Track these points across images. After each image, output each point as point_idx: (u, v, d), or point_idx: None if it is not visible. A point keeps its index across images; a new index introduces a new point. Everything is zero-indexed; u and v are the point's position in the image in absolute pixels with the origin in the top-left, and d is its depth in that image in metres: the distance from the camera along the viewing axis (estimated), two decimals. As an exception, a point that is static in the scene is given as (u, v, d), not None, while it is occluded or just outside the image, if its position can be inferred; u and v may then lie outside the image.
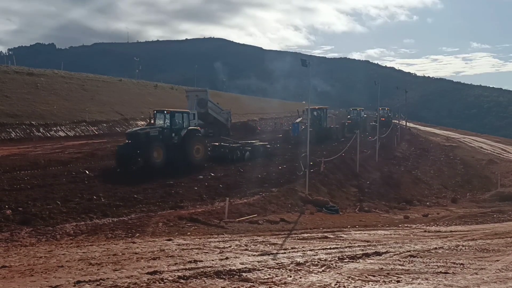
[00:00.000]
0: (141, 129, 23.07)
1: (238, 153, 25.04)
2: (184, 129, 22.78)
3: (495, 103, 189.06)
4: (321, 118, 38.66)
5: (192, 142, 22.67)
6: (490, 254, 10.07)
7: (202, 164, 22.70)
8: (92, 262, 7.90)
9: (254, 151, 25.70)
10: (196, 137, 23.21)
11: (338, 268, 8.13)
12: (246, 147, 25.79)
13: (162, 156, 21.21)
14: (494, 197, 26.69)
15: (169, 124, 22.57)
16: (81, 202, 13.82)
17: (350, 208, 19.54)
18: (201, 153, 23.13)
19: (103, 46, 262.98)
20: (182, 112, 23.74)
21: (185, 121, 23.23)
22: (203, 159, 23.23)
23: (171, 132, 22.48)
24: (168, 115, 22.72)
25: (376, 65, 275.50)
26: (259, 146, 26.60)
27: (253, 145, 26.35)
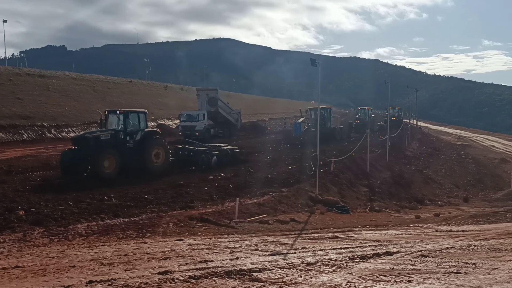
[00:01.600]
0: (90, 132, 20.35)
1: (204, 157, 22.58)
2: (140, 131, 20.20)
3: (507, 101, 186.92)
4: (324, 118, 37.54)
5: (150, 146, 20.04)
6: (503, 254, 9.97)
7: (162, 171, 20.12)
8: (104, 262, 7.95)
9: (222, 156, 23.24)
10: (155, 140, 20.50)
11: (349, 268, 8.10)
12: (213, 151, 23.26)
13: (115, 165, 18.50)
14: (507, 196, 26.46)
15: (123, 126, 19.78)
16: (92, 202, 13.91)
17: (360, 208, 19.46)
18: (161, 159, 20.44)
19: (113, 48, 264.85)
20: (138, 112, 21.00)
21: (141, 122, 20.53)
22: (164, 165, 20.55)
23: (126, 135, 19.78)
24: (122, 115, 19.95)
25: (386, 64, 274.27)
26: (227, 150, 24.15)
27: (220, 149, 23.92)
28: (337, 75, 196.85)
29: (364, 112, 52.77)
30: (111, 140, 19.14)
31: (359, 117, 51.30)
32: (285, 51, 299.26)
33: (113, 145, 18.95)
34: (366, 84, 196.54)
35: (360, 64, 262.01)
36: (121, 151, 18.96)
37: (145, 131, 20.41)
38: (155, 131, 21.61)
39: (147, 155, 19.77)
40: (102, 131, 19.66)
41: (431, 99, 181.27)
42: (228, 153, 23.85)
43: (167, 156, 20.86)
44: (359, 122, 48.89)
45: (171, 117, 54.93)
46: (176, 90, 78.45)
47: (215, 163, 22.46)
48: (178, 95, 72.81)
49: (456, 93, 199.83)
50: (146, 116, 21.04)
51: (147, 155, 19.76)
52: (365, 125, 44.38)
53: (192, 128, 37.43)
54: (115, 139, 19.35)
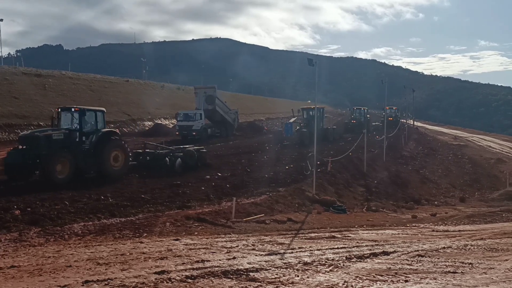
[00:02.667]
0: (41, 131, 18.08)
1: (167, 160, 21.07)
2: (97, 132, 18.39)
3: (504, 101, 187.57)
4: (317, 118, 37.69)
5: (108, 148, 18.25)
6: (499, 254, 10.00)
7: (121, 175, 18.59)
8: (100, 262, 7.93)
9: (187, 158, 21.63)
10: (113, 141, 18.73)
11: (346, 268, 8.10)
12: (177, 153, 21.76)
13: (68, 168, 16.70)
14: (503, 196, 26.52)
15: (79, 126, 17.94)
16: (89, 202, 13.88)
17: (357, 208, 19.48)
18: (120, 162, 18.75)
19: (110, 47, 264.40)
20: (96, 110, 19.10)
21: (99, 121, 18.75)
22: (123, 169, 18.94)
23: (81, 135, 17.94)
24: (77, 113, 18.04)
25: (383, 64, 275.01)
26: (193, 151, 22.38)
27: (185, 151, 22.27)
28: (334, 75, 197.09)
29: (360, 112, 52.27)
30: (64, 141, 17.27)
31: (354, 117, 50.75)
32: (282, 51, 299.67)
33: (66, 146, 17.20)
34: (363, 84, 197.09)
35: (357, 64, 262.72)
36: (76, 153, 17.24)
37: (103, 131, 18.59)
38: (114, 131, 19.87)
39: (105, 158, 18.02)
40: (55, 130, 17.61)
41: (428, 99, 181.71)
42: (194, 154, 22.14)
43: (126, 159, 19.13)
44: (355, 122, 48.59)
45: (168, 117, 54.88)
46: (173, 90, 78.38)
47: (179, 166, 20.95)
48: (175, 94, 72.76)
49: (452, 93, 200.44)
50: (104, 115, 19.21)
51: (104, 158, 18.01)
52: (361, 126, 44.20)
53: (189, 128, 37.39)
54: (69, 139, 17.49)
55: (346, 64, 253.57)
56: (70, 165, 16.78)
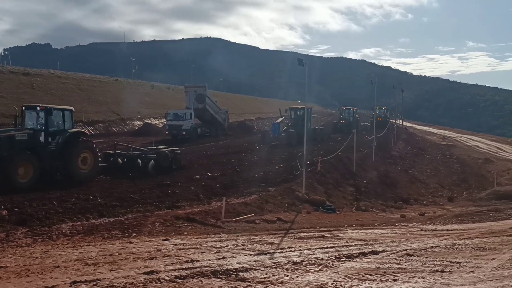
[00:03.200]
0: (2, 131, 16.87)
1: (140, 162, 20.29)
2: (65, 132, 17.29)
3: (491, 102, 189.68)
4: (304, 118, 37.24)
5: (76, 149, 17.18)
6: (487, 253, 10.10)
7: (90, 178, 17.62)
8: (89, 262, 7.88)
9: (161, 159, 20.75)
10: (81, 142, 17.66)
11: (335, 267, 8.13)
12: (150, 155, 20.95)
13: (32, 171, 15.66)
14: (490, 196, 26.76)
15: (44, 125, 16.79)
16: (77, 202, 13.78)
17: (347, 207, 19.55)
18: (89, 164, 17.70)
19: (99, 46, 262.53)
20: (63, 109, 18.08)
21: (67, 121, 17.70)
22: (92, 172, 17.93)
23: (47, 136, 16.79)
24: (43, 112, 16.83)
25: (372, 65, 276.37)
26: (167, 153, 21.44)
27: (159, 152, 21.35)
28: (324, 75, 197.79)
29: (349, 112, 51.46)
30: (28, 142, 16.14)
31: (343, 117, 50.08)
32: (273, 51, 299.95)
33: (30, 148, 16.11)
34: (353, 84, 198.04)
35: (347, 64, 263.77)
36: (41, 155, 16.17)
37: (70, 132, 17.49)
38: (82, 132, 18.92)
39: (72, 160, 16.96)
40: (18, 130, 16.54)
41: (417, 100, 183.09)
42: (168, 156, 21.25)
43: (96, 161, 18.12)
44: (344, 122, 48.20)
45: (158, 116, 54.68)
46: (162, 89, 78.09)
47: (152, 168, 20.16)
48: (164, 94, 72.50)
49: (441, 94, 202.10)
50: (72, 114, 18.13)
51: (72, 160, 16.95)
52: (350, 126, 44.09)
53: (178, 127, 37.28)
54: (34, 140, 16.35)
55: (336, 64, 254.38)
56: (34, 168, 15.74)
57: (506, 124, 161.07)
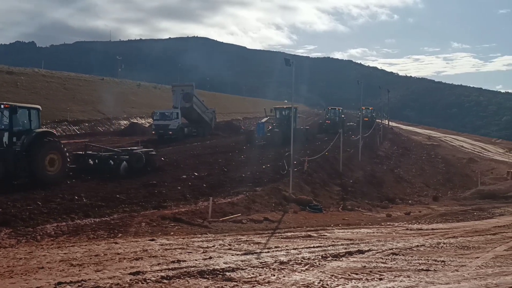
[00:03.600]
0: None
1: (112, 163, 19.51)
2: (31, 132, 16.36)
3: (475, 102, 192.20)
4: (289, 118, 34.83)
5: (42, 150, 16.21)
6: (471, 251, 10.23)
7: (58, 181, 16.58)
8: (74, 263, 7.80)
9: (134, 161, 20.04)
10: (48, 143, 16.64)
11: (322, 267, 8.16)
12: (122, 156, 20.07)
13: None
14: (475, 195, 27.09)
15: (8, 124, 15.90)
16: (62, 202, 13.63)
17: (333, 207, 19.65)
18: (57, 166, 16.65)
19: (84, 45, 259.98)
20: (29, 107, 17.06)
21: (33, 120, 16.76)
22: (60, 174, 16.91)
23: (11, 136, 15.88)
24: (7, 110, 15.83)
25: (359, 65, 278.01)
26: (140, 154, 20.69)
27: (132, 153, 20.57)
28: (312, 75, 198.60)
29: (335, 112, 51.00)
30: None
31: (329, 118, 49.67)
32: (260, 51, 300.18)
33: None
34: (340, 84, 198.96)
35: (334, 64, 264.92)
36: (4, 156, 15.38)
37: (37, 131, 16.55)
38: (50, 132, 17.92)
39: (39, 162, 15.96)
40: None
41: (403, 100, 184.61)
42: (142, 157, 20.51)
43: (64, 163, 17.09)
44: (329, 122, 47.59)
45: (144, 116, 54.36)
46: (149, 89, 77.66)
47: (124, 169, 19.38)
48: (151, 93, 72.11)
49: (426, 94, 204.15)
50: (39, 113, 17.17)
51: (38, 161, 15.94)
52: (336, 126, 43.77)
53: (165, 127, 37.10)
54: None
55: (323, 65, 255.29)
56: None
57: (490, 124, 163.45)
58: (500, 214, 19.46)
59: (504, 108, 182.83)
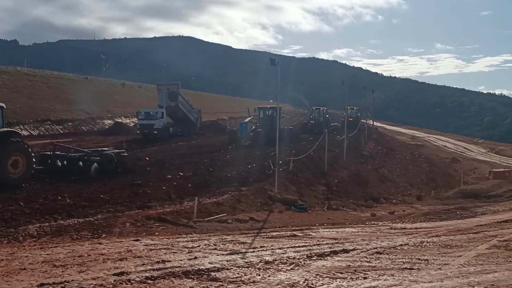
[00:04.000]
0: None
1: (81, 164, 18.59)
2: None
3: (458, 103, 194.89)
4: (273, 118, 34.27)
5: (5, 151, 15.20)
6: (453, 250, 10.36)
7: (22, 183, 15.62)
8: (57, 264, 7.70)
9: (105, 162, 19.27)
10: (12, 143, 15.56)
11: (307, 266, 8.19)
12: (93, 157, 19.27)
13: None
14: (457, 195, 27.48)
15: None
16: (45, 202, 13.46)
17: (318, 206, 19.73)
18: (21, 168, 15.61)
19: (68, 43, 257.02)
20: None
21: None
22: (24, 176, 15.84)
23: None
24: None
25: (344, 65, 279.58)
26: (112, 155, 20.01)
27: (103, 154, 19.79)
28: (297, 75, 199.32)
29: (319, 112, 50.23)
30: None
31: (313, 118, 49.09)
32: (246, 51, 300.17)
33: None
34: (326, 84, 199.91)
35: (319, 64, 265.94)
36: None
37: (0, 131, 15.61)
38: (14, 131, 16.81)
39: (2, 164, 14.99)
40: None
41: (387, 100, 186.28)
42: (113, 158, 19.82)
43: (29, 165, 15.96)
44: (314, 122, 47.32)
45: (129, 115, 53.95)
46: (134, 88, 77.13)
47: (95, 171, 18.55)
48: (136, 92, 71.61)
49: (410, 95, 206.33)
50: (3, 112, 16.11)
51: (1, 163, 14.99)
52: (320, 126, 43.75)
53: (150, 127, 36.86)
54: None
55: (308, 65, 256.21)
56: None
57: (472, 124, 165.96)
58: (482, 213, 19.77)
59: (486, 108, 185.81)
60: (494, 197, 26.40)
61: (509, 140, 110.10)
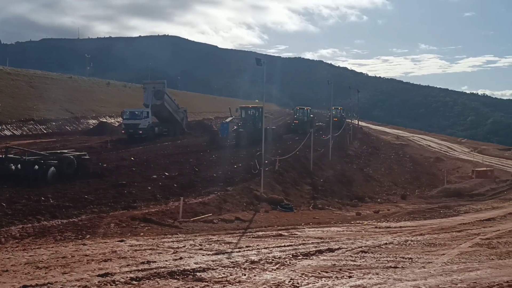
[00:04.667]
0: None
1: (37, 168, 17.27)
2: None
3: (442, 103, 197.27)
4: (255, 118, 34.36)
5: None
6: (437, 248, 10.48)
7: None
8: (40, 265, 7.61)
9: (64, 166, 18.07)
10: None
11: (292, 265, 8.21)
12: (50, 161, 18.00)
13: None
14: (441, 193, 27.80)
15: None
16: (28, 203, 13.27)
17: (304, 206, 19.79)
18: None
19: (52, 42, 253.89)
20: None
21: None
22: None
23: None
24: None
25: (329, 65, 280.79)
26: (71, 158, 18.72)
27: (62, 157, 18.64)
28: (283, 75, 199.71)
29: (303, 112, 49.39)
30: None
31: (297, 118, 48.20)
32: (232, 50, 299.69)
33: None
34: (311, 84, 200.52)
35: (305, 64, 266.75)
36: None
37: None
38: None
39: None
40: None
41: (372, 100, 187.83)
42: (73, 162, 18.57)
43: None
44: (297, 122, 46.61)
45: (114, 115, 53.52)
46: (119, 87, 76.52)
47: (53, 175, 17.28)
48: (121, 92, 71.06)
49: (395, 95, 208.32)
50: None
51: None
52: (304, 126, 43.57)
53: (135, 126, 36.59)
54: None
55: (294, 65, 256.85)
56: None
57: (455, 124, 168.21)
58: (465, 212, 20.02)
59: (469, 108, 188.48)
60: (477, 196, 26.79)
61: (492, 139, 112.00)
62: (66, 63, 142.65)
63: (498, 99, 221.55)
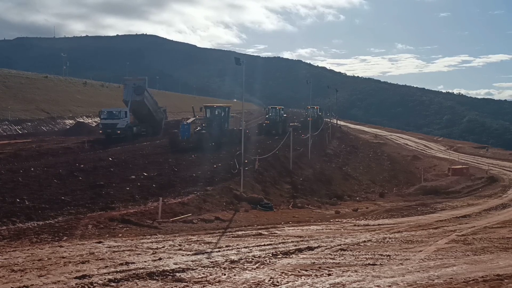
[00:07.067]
0: None
1: None
2: None
3: (419, 102, 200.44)
4: (221, 118, 32.27)
5: None
6: (414, 245, 10.64)
7: None
8: (15, 268, 7.46)
9: None
10: None
11: (272, 264, 8.23)
12: None
13: None
14: (418, 191, 28.20)
15: None
16: (2, 205, 12.98)
17: (284, 205, 19.83)
18: None
19: (27, 41, 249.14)
20: None
21: None
22: None
23: None
24: None
25: (308, 65, 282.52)
26: None
27: None
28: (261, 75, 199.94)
29: (275, 111, 46.29)
30: None
31: (269, 117, 45.12)
32: (211, 49, 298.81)
33: None
34: (290, 84, 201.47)
35: (284, 64, 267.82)
36: None
37: None
38: None
39: None
40: None
41: (350, 99, 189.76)
42: None
43: None
44: (268, 122, 44.10)
45: (91, 115, 52.79)
46: (96, 87, 75.52)
47: None
48: (98, 92, 70.15)
49: (373, 94, 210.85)
50: None
51: None
52: (276, 126, 42.40)
53: (113, 126, 36.12)
54: None
55: (273, 64, 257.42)
56: None
57: (432, 123, 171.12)
58: (441, 209, 20.36)
59: (445, 107, 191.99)
60: (453, 193, 27.26)
61: (467, 138, 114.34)
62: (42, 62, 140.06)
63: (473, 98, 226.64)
